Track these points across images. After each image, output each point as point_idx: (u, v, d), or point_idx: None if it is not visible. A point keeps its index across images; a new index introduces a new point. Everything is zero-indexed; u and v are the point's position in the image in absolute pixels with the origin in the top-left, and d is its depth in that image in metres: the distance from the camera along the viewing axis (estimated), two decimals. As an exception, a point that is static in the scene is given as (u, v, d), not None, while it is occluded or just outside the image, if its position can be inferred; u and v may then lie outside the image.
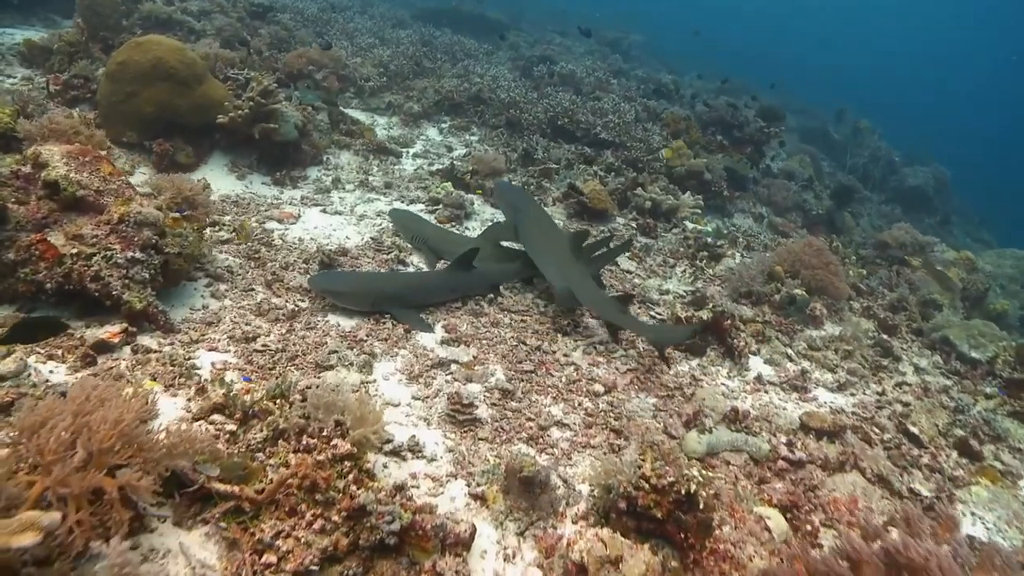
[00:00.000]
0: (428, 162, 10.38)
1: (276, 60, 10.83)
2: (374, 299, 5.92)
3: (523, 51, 22.57)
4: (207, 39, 11.52)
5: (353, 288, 5.94)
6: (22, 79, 9.31)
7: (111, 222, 4.83)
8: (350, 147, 10.02)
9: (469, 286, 6.56)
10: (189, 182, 5.78)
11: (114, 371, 4.25)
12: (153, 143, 7.83)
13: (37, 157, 4.91)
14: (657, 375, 5.96)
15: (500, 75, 15.38)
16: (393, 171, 9.67)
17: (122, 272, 4.74)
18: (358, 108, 12.43)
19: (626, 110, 13.82)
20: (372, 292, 5.96)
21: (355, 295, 5.88)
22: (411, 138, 11.25)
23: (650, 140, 12.74)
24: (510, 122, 12.63)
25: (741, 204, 13.15)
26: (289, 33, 14.06)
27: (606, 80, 17.13)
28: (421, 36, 19.10)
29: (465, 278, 6.48)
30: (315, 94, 9.99)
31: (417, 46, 17.00)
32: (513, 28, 26.81)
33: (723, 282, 8.25)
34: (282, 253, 6.64)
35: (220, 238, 6.65)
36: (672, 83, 22.82)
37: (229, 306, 5.54)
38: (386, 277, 6.57)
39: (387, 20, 21.54)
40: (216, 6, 13.30)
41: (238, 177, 8.24)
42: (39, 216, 4.83)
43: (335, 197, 8.44)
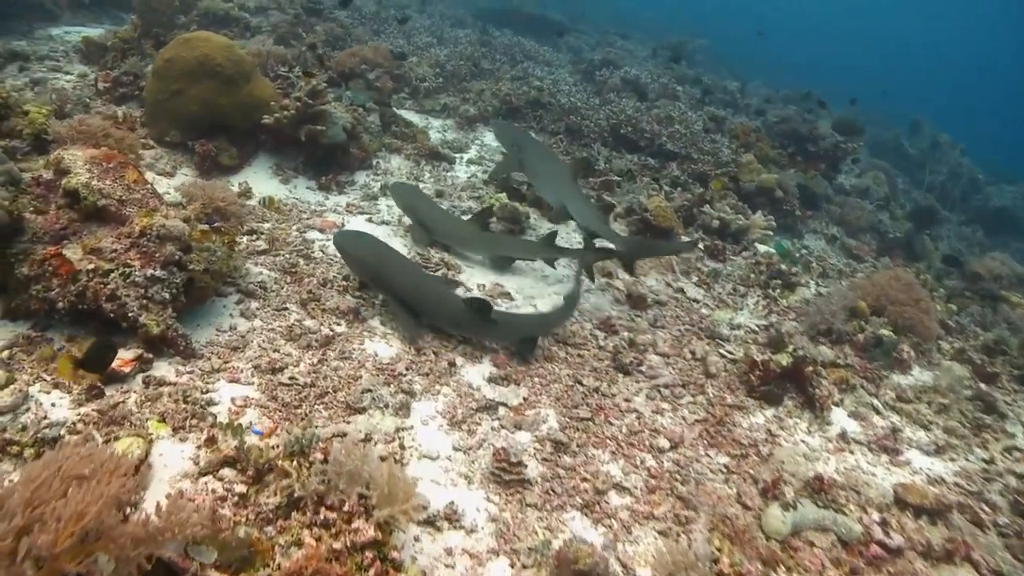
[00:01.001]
0: (483, 169, 9.82)
1: (329, 58, 10.41)
2: (373, 278, 5.62)
3: (584, 54, 21.90)
4: (261, 35, 11.21)
5: (362, 258, 5.62)
6: (78, 75, 9.11)
7: (132, 235, 4.38)
8: (401, 151, 9.53)
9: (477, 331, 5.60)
10: (222, 190, 5.33)
11: (120, 408, 3.78)
12: (196, 143, 7.45)
13: (59, 162, 4.50)
14: (729, 428, 5.28)
15: (561, 78, 14.74)
16: (445, 178, 9.15)
17: (140, 292, 4.29)
18: (412, 109, 11.96)
19: (693, 119, 13.05)
20: (376, 272, 5.57)
21: (360, 265, 5.66)
22: (466, 143, 10.72)
23: (718, 153, 11.95)
24: (570, 129, 12.00)
25: (812, 224, 12.26)
26: (345, 31, 13.70)
27: (671, 86, 16.34)
28: (480, 36, 18.65)
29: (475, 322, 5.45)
30: (367, 95, 9.54)
31: (475, 46, 16.51)
32: (574, 30, 26.15)
33: (799, 316, 7.47)
34: (321, 267, 6.15)
35: (256, 248, 6.20)
36: (738, 90, 21.90)
37: (259, 328, 5.06)
38: (405, 268, 5.77)
39: (446, 19, 21.14)
40: (273, 2, 13.03)
41: (282, 181, 7.81)
42: (57, 227, 4.42)
43: (383, 205, 7.95)
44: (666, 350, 6.15)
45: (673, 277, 7.86)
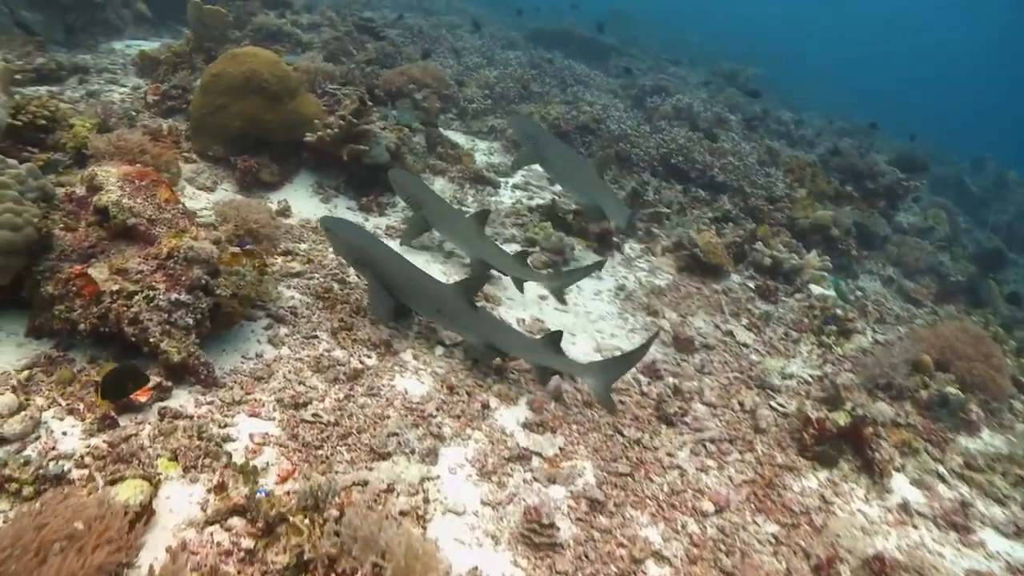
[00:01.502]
0: (528, 195, 9.57)
1: (377, 76, 10.32)
2: (357, 259, 5.46)
3: (636, 79, 21.63)
4: (312, 51, 11.18)
5: (348, 239, 5.49)
6: (132, 88, 9.17)
7: (159, 256, 4.21)
8: (445, 173, 9.34)
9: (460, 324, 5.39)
10: (257, 211, 5.15)
11: (131, 442, 3.57)
12: (238, 159, 7.35)
13: (93, 178, 4.37)
14: (779, 491, 4.87)
15: (611, 104, 14.47)
16: (489, 203, 8.91)
17: (163, 316, 4.10)
18: (459, 130, 11.82)
19: (747, 151, 12.64)
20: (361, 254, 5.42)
21: (345, 246, 5.51)
22: (510, 167, 10.49)
23: (772, 187, 11.52)
24: (619, 156, 11.70)
25: (868, 264, 11.72)
26: (396, 49, 13.66)
27: (724, 116, 15.94)
28: (531, 58, 18.51)
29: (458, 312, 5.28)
30: (413, 114, 9.39)
31: (526, 68, 16.36)
32: (626, 54, 25.93)
33: (856, 366, 7.00)
34: (356, 293, 5.93)
35: (291, 270, 6.01)
36: (793, 121, 21.36)
37: (286, 356, 4.84)
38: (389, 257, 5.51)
39: (497, 40, 21.13)
40: (326, 20, 13.05)
41: (323, 200, 7.66)
42: (86, 244, 4.28)
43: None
44: (713, 400, 5.78)
45: (722, 318, 7.47)
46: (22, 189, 4.08)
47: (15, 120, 5.25)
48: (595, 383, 5.12)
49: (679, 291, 7.85)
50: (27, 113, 5.30)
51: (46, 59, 8.91)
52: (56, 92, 8.37)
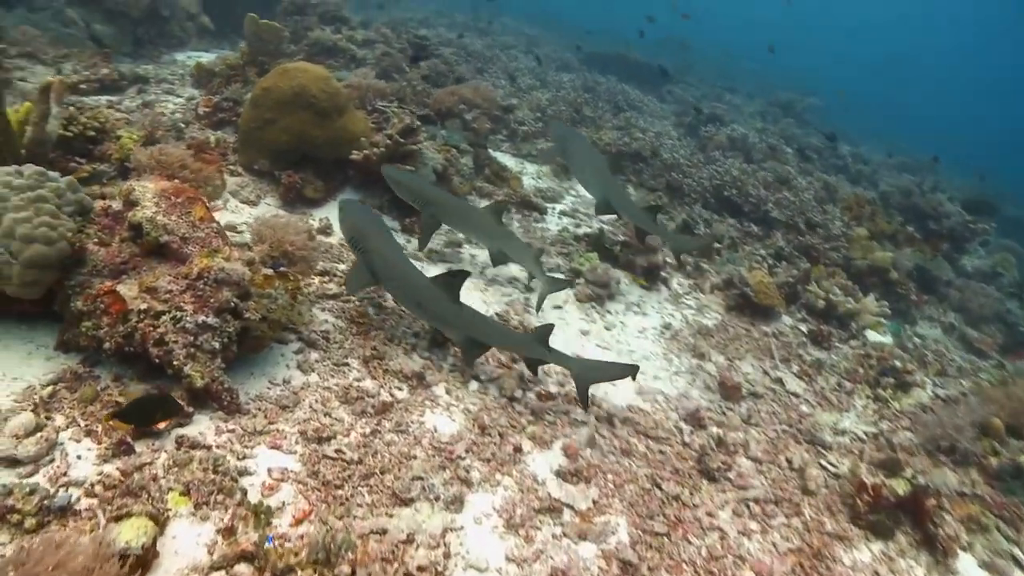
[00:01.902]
0: (575, 223, 9.33)
1: (428, 95, 10.24)
2: (353, 241, 5.35)
3: (689, 106, 21.29)
4: (365, 67, 11.19)
5: (352, 222, 5.39)
6: (187, 99, 9.26)
7: (189, 276, 4.09)
8: (492, 196, 9.16)
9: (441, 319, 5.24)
10: (294, 232, 5.01)
11: (144, 472, 3.42)
12: (283, 174, 7.29)
13: (129, 193, 4.28)
14: (828, 564, 4.50)
15: (664, 132, 14.19)
16: (535, 229, 8.70)
17: (189, 339, 3.96)
18: (508, 152, 11.67)
19: (803, 186, 12.22)
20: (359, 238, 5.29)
21: (348, 228, 5.39)
22: (560, 192, 10.28)
23: (829, 225, 11.08)
24: (670, 186, 11.41)
25: (928, 310, 11.15)
26: (449, 67, 13.62)
27: (779, 147, 15.51)
28: (584, 81, 18.38)
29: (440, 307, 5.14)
30: (462, 135, 9.26)
31: (579, 92, 16.22)
32: (680, 81, 25.60)
33: (915, 425, 6.55)
34: (391, 320, 5.76)
35: (327, 291, 5.88)
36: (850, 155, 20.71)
37: (314, 384, 4.68)
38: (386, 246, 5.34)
39: (552, 61, 21.03)
40: (381, 36, 13.09)
41: (365, 220, 7.55)
42: (118, 260, 4.18)
43: (466, 253, 7.56)
44: (759, 454, 5.42)
45: (771, 364, 7.10)
46: (60, 203, 4.01)
47: (66, 131, 5.24)
48: (578, 378, 5.23)
49: (727, 332, 7.50)
50: (78, 124, 5.28)
51: (109, 70, 9.06)
52: (114, 102, 8.49)
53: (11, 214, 3.81)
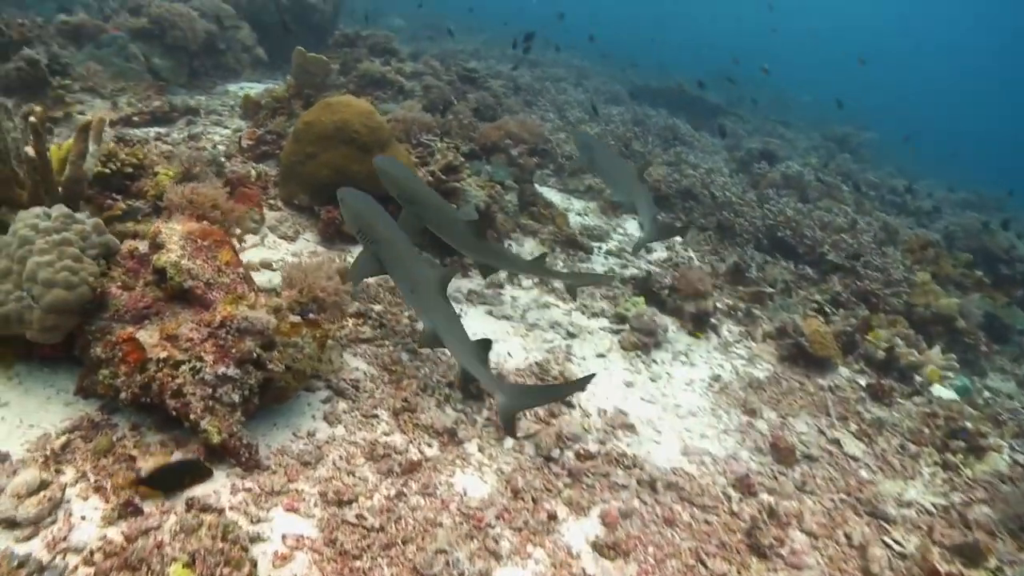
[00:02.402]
0: (621, 263, 9.01)
1: (474, 129, 10.10)
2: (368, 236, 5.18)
3: (742, 141, 20.86)
4: (412, 100, 11.13)
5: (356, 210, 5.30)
6: (233, 130, 9.32)
7: (211, 324, 3.90)
8: (537, 234, 8.92)
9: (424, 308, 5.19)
10: (326, 277, 4.82)
11: (149, 538, 3.19)
12: (323, 209, 7.17)
13: (156, 236, 4.14)
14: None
15: (716, 168, 13.80)
16: (578, 270, 8.41)
17: (207, 391, 3.77)
18: (555, 187, 11.45)
19: (862, 228, 11.68)
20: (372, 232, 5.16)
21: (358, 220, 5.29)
22: (607, 230, 9.99)
23: (889, 269, 10.52)
24: (722, 225, 11.01)
25: (999, 360, 10.44)
26: (497, 100, 13.53)
27: (836, 185, 14.95)
28: (634, 115, 18.13)
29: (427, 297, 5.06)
30: (507, 171, 9.06)
31: (628, 126, 15.98)
32: (732, 114, 25.18)
33: (992, 497, 5.99)
34: (426, 367, 5.51)
35: (360, 334, 5.68)
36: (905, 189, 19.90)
37: (339, 438, 4.44)
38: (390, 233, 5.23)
39: (602, 94, 20.86)
40: (429, 69, 13.08)
41: (404, 258, 7.37)
42: (141, 305, 4.03)
43: (507, 295, 7.30)
44: (814, 527, 4.97)
45: (827, 422, 6.62)
46: (85, 245, 3.88)
47: (104, 168, 5.18)
48: (504, 405, 4.88)
49: (780, 385, 7.06)
50: (116, 161, 5.22)
51: (161, 102, 9.18)
52: (163, 134, 8.56)
53: (35, 257, 3.70)
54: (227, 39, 13.23)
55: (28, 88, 8.49)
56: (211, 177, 6.13)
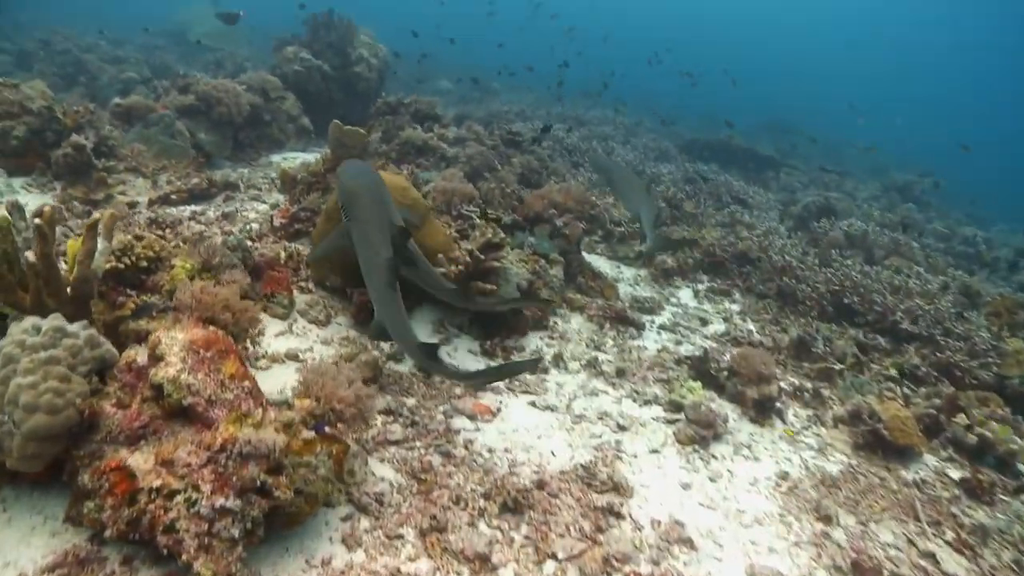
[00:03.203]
0: (675, 339, 8.39)
1: (518, 197, 9.73)
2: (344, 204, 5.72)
3: (797, 194, 20.14)
4: (454, 168, 10.87)
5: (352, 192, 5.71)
6: (270, 206, 9.17)
7: (211, 448, 3.47)
8: (584, 309, 8.39)
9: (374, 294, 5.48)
10: (346, 386, 4.35)
11: None
12: (356, 291, 6.81)
13: (155, 346, 3.77)
14: None
15: (773, 229, 13.11)
16: (630, 349, 7.81)
17: (203, 527, 3.31)
18: (603, 255, 10.97)
19: (935, 291, 10.81)
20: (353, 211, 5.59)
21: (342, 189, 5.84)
22: (659, 302, 9.38)
23: (972, 337, 9.61)
24: (782, 292, 10.31)
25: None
26: (542, 164, 13.21)
27: (906, 243, 14.06)
28: (684, 173, 17.62)
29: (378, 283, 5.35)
30: (552, 243, 8.61)
31: (679, 185, 15.48)
32: (785, 165, 24.48)
33: None
34: (460, 474, 4.98)
35: (390, 435, 5.20)
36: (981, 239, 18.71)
37: (358, 566, 3.92)
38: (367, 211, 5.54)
39: (650, 152, 20.45)
40: (472, 134, 12.87)
41: (442, 341, 6.92)
42: (136, 425, 3.63)
43: (552, 382, 6.76)
44: (916, 674, 4.21)
45: (917, 528, 5.80)
46: (75, 362, 3.53)
47: (119, 262, 4.90)
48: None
49: (857, 482, 6.28)
50: (132, 254, 4.94)
51: (200, 179, 9.09)
52: (198, 212, 8.40)
53: (18, 378, 3.35)
54: (272, 110, 13.32)
55: (74, 173, 8.51)
56: (235, 264, 5.82)
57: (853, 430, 7.00)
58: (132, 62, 21.05)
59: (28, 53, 19.33)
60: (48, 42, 19.59)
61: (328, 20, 16.79)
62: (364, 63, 16.85)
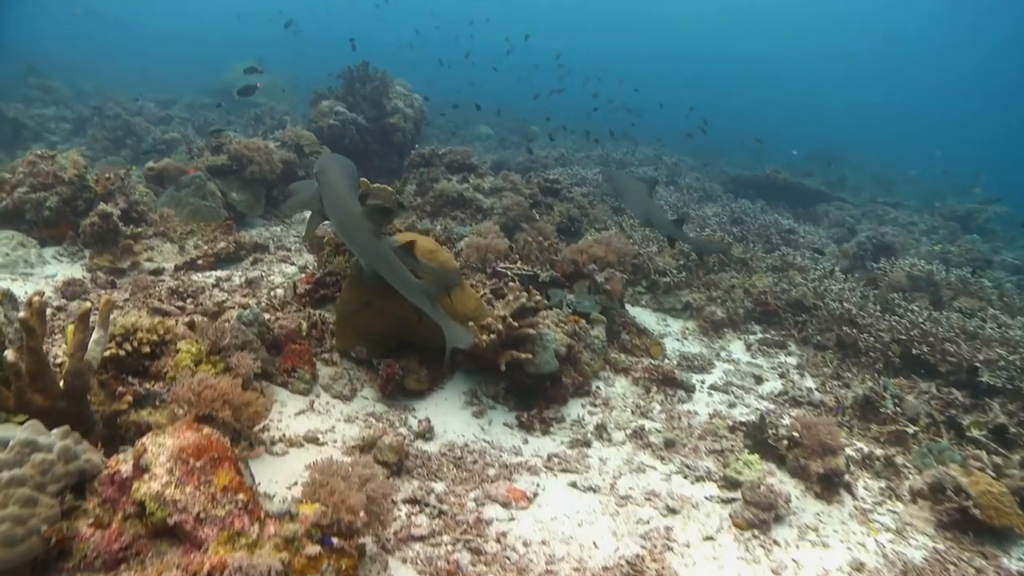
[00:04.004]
0: (728, 401, 7.74)
1: (555, 250, 9.27)
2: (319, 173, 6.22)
3: (847, 225, 19.26)
4: (489, 221, 10.50)
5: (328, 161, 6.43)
6: (298, 269, 8.92)
7: (198, 574, 3.03)
8: (629, 371, 7.83)
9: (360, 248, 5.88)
10: (358, 484, 3.87)
11: None
12: (382, 363, 6.40)
13: (140, 455, 3.37)
14: None
15: (828, 272, 12.34)
16: (679, 415, 7.20)
17: None
18: (648, 306, 10.41)
19: (1019, 336, 9.91)
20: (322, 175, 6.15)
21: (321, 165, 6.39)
22: (709, 358, 8.76)
23: (1060, 389, 8.71)
24: (842, 342, 9.58)
25: None
26: (582, 211, 12.77)
27: (976, 284, 13.09)
28: (731, 213, 16.97)
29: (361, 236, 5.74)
30: (592, 300, 8.11)
31: (726, 227, 14.86)
32: (835, 199, 23.62)
33: None
34: (491, 573, 4.46)
35: (414, 529, 4.70)
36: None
37: None
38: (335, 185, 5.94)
39: (694, 192, 19.86)
40: (509, 183, 12.51)
41: (475, 413, 6.43)
42: (116, 547, 3.20)
43: (594, 456, 6.19)
44: None
45: (1023, 627, 5.03)
46: (45, 480, 3.14)
47: (120, 349, 4.56)
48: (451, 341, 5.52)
49: (946, 571, 5.52)
50: (134, 339, 4.60)
51: (227, 243, 8.87)
52: (223, 278, 8.14)
53: (-24, 503, 2.97)
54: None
55: (101, 241, 8.37)
56: (251, 341, 5.45)
57: (936, 507, 6.23)
58: (177, 121, 21.51)
59: (84, 119, 19.99)
60: (101, 108, 20.18)
61: (363, 72, 16.83)
62: (399, 114, 16.78)
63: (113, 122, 19.34)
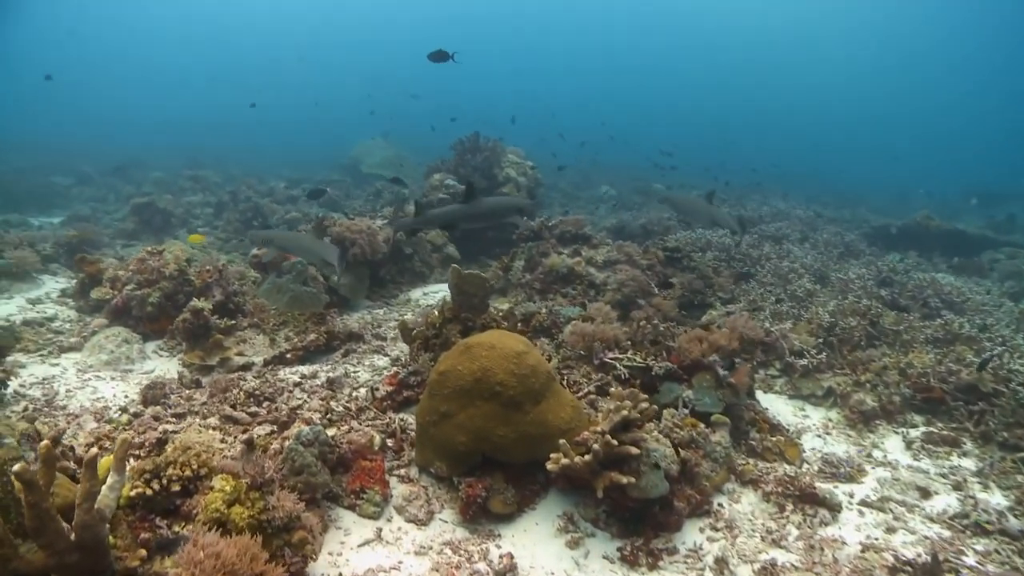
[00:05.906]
0: (886, 524, 6.26)
1: (671, 336, 8.18)
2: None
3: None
4: (600, 302, 9.59)
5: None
6: (391, 360, 8.38)
7: None
8: (759, 483, 6.55)
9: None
10: None
11: None
12: (463, 481, 5.58)
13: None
14: None
15: (1009, 340, 10.34)
16: (821, 544, 5.79)
17: None
18: (784, 393, 9.03)
19: None
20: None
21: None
22: (859, 463, 7.27)
23: None
24: (1037, 441, 7.78)
25: None
26: (707, 281, 11.58)
27: None
28: (878, 272, 14.99)
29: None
30: (715, 397, 6.96)
31: (872, 291, 13.07)
32: (1005, 246, 20.76)
33: None
34: None
35: None
36: None
37: None
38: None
39: (832, 248, 17.98)
40: (623, 255, 11.55)
41: (570, 543, 5.42)
42: None
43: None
44: None
45: None
46: None
47: (147, 487, 4.01)
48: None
49: None
50: (164, 476, 4.05)
51: (317, 335, 8.48)
52: (307, 375, 7.68)
53: None
54: (414, 243, 12.89)
55: (193, 337, 8.21)
56: (309, 465, 4.80)
57: None
58: (303, 201, 22.27)
59: (223, 203, 21.19)
60: (235, 192, 21.32)
61: (474, 143, 16.62)
62: (512, 183, 16.36)
63: (244, 204, 20.23)
